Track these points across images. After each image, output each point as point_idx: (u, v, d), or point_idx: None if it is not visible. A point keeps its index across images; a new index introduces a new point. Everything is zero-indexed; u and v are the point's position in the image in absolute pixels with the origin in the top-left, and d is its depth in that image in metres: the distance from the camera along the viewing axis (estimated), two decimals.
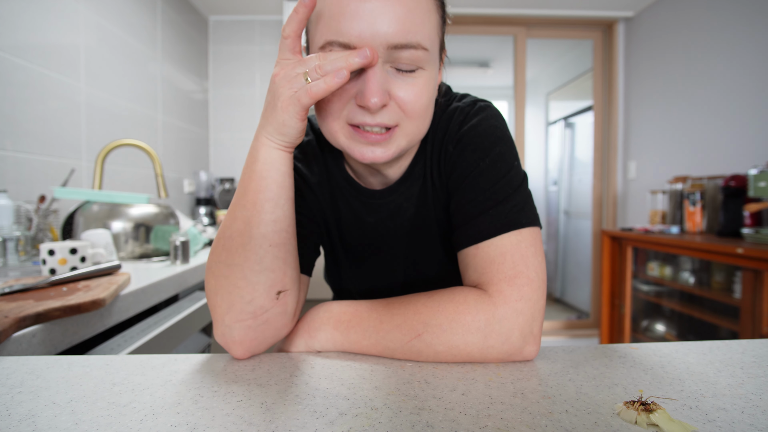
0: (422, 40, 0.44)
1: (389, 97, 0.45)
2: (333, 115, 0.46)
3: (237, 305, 0.45)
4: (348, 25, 0.42)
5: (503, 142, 0.53)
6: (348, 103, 0.45)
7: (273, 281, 0.46)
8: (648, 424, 0.31)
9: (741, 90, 2.05)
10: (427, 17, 0.44)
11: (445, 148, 0.55)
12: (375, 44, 0.42)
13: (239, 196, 0.47)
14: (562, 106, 3.93)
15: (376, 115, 0.45)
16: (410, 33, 0.43)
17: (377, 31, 0.42)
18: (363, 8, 0.41)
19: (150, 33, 2.07)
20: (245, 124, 2.86)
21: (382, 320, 0.47)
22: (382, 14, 0.41)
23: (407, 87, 0.45)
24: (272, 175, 0.45)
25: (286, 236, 0.47)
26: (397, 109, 0.46)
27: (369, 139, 0.46)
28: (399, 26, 0.42)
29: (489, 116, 0.54)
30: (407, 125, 0.47)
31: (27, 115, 1.29)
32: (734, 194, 1.90)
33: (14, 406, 0.35)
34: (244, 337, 0.45)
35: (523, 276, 0.46)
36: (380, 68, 0.43)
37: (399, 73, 0.45)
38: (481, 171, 0.51)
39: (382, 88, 0.43)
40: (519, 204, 0.50)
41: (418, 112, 0.47)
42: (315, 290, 1.81)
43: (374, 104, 0.42)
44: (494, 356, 0.44)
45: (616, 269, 2.42)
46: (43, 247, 0.83)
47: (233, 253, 0.46)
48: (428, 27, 0.45)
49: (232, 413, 0.34)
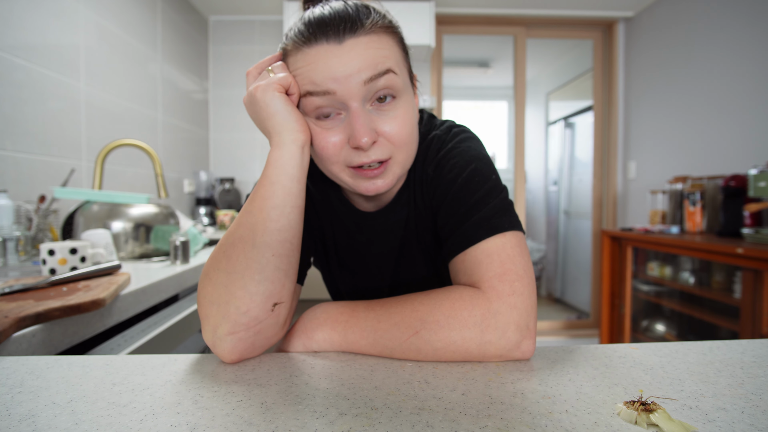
0: (391, 66, 0.49)
1: (377, 134, 0.49)
2: (331, 160, 0.51)
3: (232, 316, 0.45)
4: (322, 77, 0.47)
5: (478, 160, 0.56)
6: (342, 149, 0.50)
7: (271, 292, 0.46)
8: (648, 424, 0.31)
9: (741, 90, 2.05)
10: (389, 50, 0.50)
11: (426, 173, 0.59)
12: (352, 85, 0.47)
13: (248, 202, 0.48)
14: (562, 106, 3.93)
15: (369, 153, 0.49)
16: (379, 64, 0.48)
17: (350, 74, 0.47)
18: (332, 61, 0.47)
19: (150, 33, 2.07)
20: (245, 124, 2.86)
21: (379, 319, 0.48)
22: (349, 59, 0.46)
23: (390, 121, 0.50)
24: (281, 179, 0.47)
25: (290, 247, 0.47)
26: (386, 142, 0.50)
27: (369, 175, 0.51)
28: (367, 62, 0.47)
29: (463, 139, 0.59)
30: (398, 155, 0.52)
31: (27, 115, 1.29)
32: (734, 194, 1.90)
33: (14, 406, 0.35)
34: (234, 348, 0.45)
35: (512, 273, 0.47)
36: (362, 110, 0.48)
37: (380, 109, 0.50)
38: (460, 186, 0.54)
39: (369, 126, 0.48)
40: (500, 211, 0.52)
41: (405, 141, 0.51)
42: (315, 290, 1.80)
43: (365, 143, 0.47)
44: (492, 352, 0.45)
45: (616, 269, 2.42)
46: (43, 247, 0.83)
47: (234, 260, 0.46)
48: (393, 57, 0.50)
49: (232, 413, 0.34)
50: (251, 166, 2.87)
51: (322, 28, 0.47)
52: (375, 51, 0.48)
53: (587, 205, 3.32)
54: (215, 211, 2.56)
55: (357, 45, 0.47)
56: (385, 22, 0.50)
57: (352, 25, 0.47)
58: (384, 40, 0.49)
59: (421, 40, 2.44)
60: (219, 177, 2.78)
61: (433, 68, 2.87)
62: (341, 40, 0.47)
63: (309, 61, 0.47)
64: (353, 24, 0.47)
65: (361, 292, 0.71)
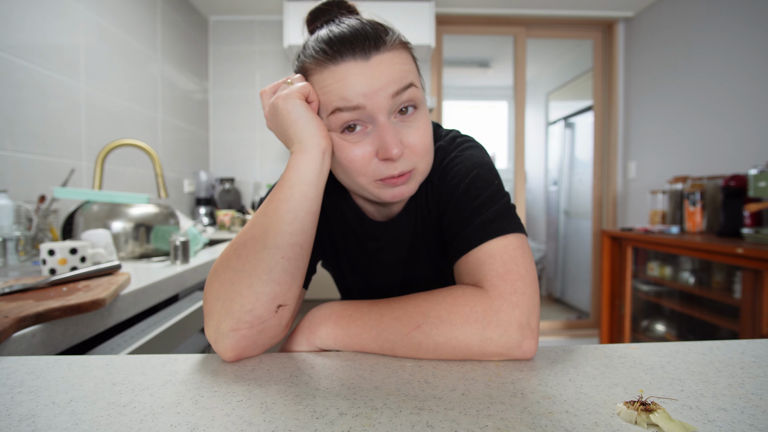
0: (413, 80, 0.51)
1: (403, 146, 0.51)
2: (359, 172, 0.52)
3: (236, 314, 0.45)
4: (352, 92, 0.48)
5: (481, 166, 0.57)
6: (371, 161, 0.51)
7: (276, 294, 0.46)
8: (648, 424, 0.31)
9: (741, 90, 2.05)
10: (409, 65, 0.52)
11: (431, 183, 0.61)
12: (380, 99, 0.48)
13: (265, 203, 0.49)
14: (562, 106, 3.93)
15: (397, 164, 0.51)
16: (403, 78, 0.50)
17: (378, 89, 0.48)
18: (360, 77, 0.48)
19: (150, 33, 2.07)
20: (245, 124, 2.86)
21: (382, 314, 0.48)
22: (378, 74, 0.48)
23: (413, 132, 0.52)
24: (300, 184, 0.48)
25: (300, 251, 0.48)
26: (411, 154, 0.52)
27: (395, 183, 0.53)
28: (393, 76, 0.49)
29: (466, 147, 0.61)
30: (420, 164, 0.54)
31: (27, 115, 1.29)
32: (734, 194, 1.90)
33: (14, 406, 0.35)
34: (236, 345, 0.46)
35: (514, 273, 0.48)
36: (389, 122, 0.50)
37: (403, 121, 0.51)
38: (462, 191, 0.56)
39: (398, 138, 0.50)
40: (502, 214, 0.53)
41: (427, 150, 0.54)
42: (320, 290, 1.81)
43: (396, 154, 0.49)
44: (493, 350, 0.45)
45: (616, 269, 2.42)
46: (43, 247, 0.83)
47: (244, 259, 0.46)
48: (412, 71, 0.52)
49: (232, 413, 0.34)
50: (251, 166, 2.87)
51: (347, 46, 0.48)
52: (399, 66, 0.50)
53: (587, 205, 3.32)
54: (215, 211, 2.56)
55: (383, 61, 0.49)
56: (401, 39, 0.52)
57: (376, 42, 0.49)
58: (403, 55, 0.51)
59: (421, 40, 2.44)
60: (219, 177, 2.78)
61: (433, 68, 2.87)
62: (368, 57, 0.48)
63: (338, 78, 0.49)
64: (377, 41, 0.49)
65: (371, 292, 0.74)
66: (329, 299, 0.80)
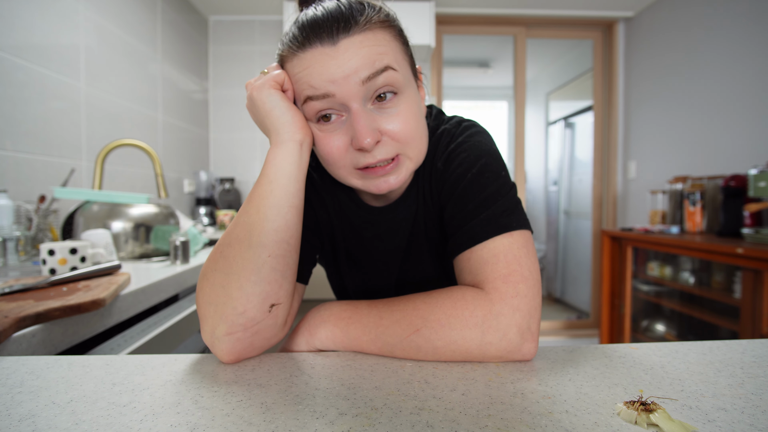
0: (389, 62, 0.47)
1: (380, 134, 0.48)
2: (338, 164, 0.50)
3: (229, 317, 0.45)
4: (319, 80, 0.46)
5: (489, 155, 0.55)
6: (347, 151, 0.49)
7: (267, 293, 0.46)
8: (648, 424, 0.31)
9: (741, 90, 2.05)
10: (386, 45, 0.48)
11: (435, 168, 0.58)
12: (350, 85, 0.46)
13: (246, 202, 0.48)
14: (562, 106, 3.93)
15: (374, 153, 0.48)
16: (376, 62, 0.46)
17: (347, 75, 0.45)
18: (327, 63, 0.46)
19: (150, 33, 2.07)
20: (245, 124, 2.85)
21: (381, 316, 0.48)
22: (345, 60, 0.45)
23: (392, 119, 0.48)
24: (279, 179, 0.47)
25: (287, 248, 0.47)
26: (391, 141, 0.49)
27: (379, 173, 0.50)
28: (363, 60, 0.46)
29: (473, 133, 0.57)
30: (407, 150, 0.51)
31: (27, 115, 1.29)
32: (734, 194, 1.90)
33: (14, 406, 0.35)
34: (232, 348, 0.45)
35: (517, 274, 0.46)
36: (363, 110, 0.47)
37: (381, 107, 0.48)
38: (469, 182, 0.53)
39: (371, 127, 0.47)
40: (509, 209, 0.51)
41: (411, 136, 0.50)
42: (319, 290, 1.80)
43: (368, 144, 0.46)
44: (493, 353, 0.44)
45: (616, 269, 2.42)
46: (43, 247, 0.83)
47: (231, 261, 0.46)
48: (390, 53, 0.48)
49: (232, 413, 0.34)
50: (251, 166, 2.87)
51: (315, 31, 0.46)
52: (370, 48, 0.46)
53: (587, 205, 3.32)
54: (215, 211, 2.56)
55: (352, 44, 0.46)
56: (380, 17, 0.48)
57: (345, 25, 0.46)
58: (380, 35, 0.48)
59: (421, 40, 2.44)
60: (219, 177, 2.78)
61: (433, 68, 2.87)
62: (335, 41, 0.45)
63: (305, 65, 0.47)
64: (346, 23, 0.46)
65: (367, 291, 0.71)
66: (329, 299, 0.79)
